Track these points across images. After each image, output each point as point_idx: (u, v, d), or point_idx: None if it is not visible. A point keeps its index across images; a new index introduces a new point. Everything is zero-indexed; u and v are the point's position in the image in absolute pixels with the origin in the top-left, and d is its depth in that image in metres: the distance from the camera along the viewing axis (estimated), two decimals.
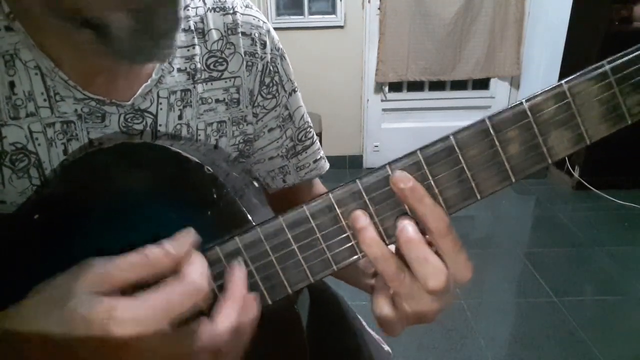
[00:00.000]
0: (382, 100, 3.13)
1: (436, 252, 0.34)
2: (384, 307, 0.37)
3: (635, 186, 2.69)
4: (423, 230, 0.34)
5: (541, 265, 2.08)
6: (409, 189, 0.33)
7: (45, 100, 0.43)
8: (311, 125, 0.64)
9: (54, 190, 0.42)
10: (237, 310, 0.34)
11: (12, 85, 0.42)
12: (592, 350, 1.57)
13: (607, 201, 2.62)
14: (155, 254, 0.34)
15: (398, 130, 3.19)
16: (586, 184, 2.70)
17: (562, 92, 0.30)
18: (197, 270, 0.34)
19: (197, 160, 0.37)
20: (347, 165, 3.30)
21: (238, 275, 0.35)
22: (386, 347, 0.73)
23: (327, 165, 0.67)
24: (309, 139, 0.63)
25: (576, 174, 2.73)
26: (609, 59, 0.29)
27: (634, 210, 2.52)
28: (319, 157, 0.65)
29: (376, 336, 0.73)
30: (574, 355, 1.57)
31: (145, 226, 0.38)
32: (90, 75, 0.44)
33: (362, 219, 0.34)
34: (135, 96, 0.46)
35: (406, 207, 0.34)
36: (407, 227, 0.33)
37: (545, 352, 1.59)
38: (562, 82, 0.30)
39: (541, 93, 0.30)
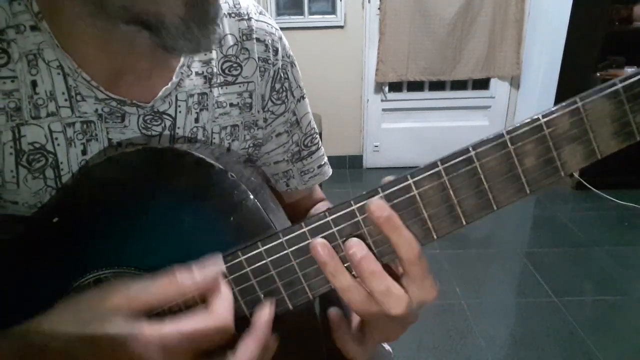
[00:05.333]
0: (382, 100, 3.13)
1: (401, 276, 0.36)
2: (349, 343, 0.39)
3: (635, 186, 2.70)
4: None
5: (541, 265, 2.08)
6: (384, 217, 0.33)
7: (66, 100, 0.43)
8: (317, 131, 0.65)
9: (75, 194, 0.42)
10: (258, 348, 0.35)
11: (34, 84, 0.42)
12: (592, 350, 1.58)
13: (607, 201, 2.63)
14: (183, 281, 0.34)
15: (398, 130, 3.19)
16: (586, 184, 2.71)
17: (576, 108, 0.31)
18: (226, 306, 0.34)
19: (220, 166, 0.37)
20: (347, 165, 3.30)
21: (265, 314, 0.36)
22: (387, 347, 0.73)
23: (330, 171, 0.68)
24: (314, 144, 0.64)
25: (576, 174, 2.74)
26: (620, 77, 0.30)
27: (634, 210, 2.53)
28: (323, 162, 0.66)
29: None
30: (574, 355, 1.57)
31: (168, 231, 0.38)
32: (114, 76, 0.44)
33: (325, 250, 0.35)
34: (155, 98, 0.47)
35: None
36: (367, 259, 0.34)
37: (545, 352, 1.60)
38: (576, 97, 0.31)
39: (556, 108, 0.31)
